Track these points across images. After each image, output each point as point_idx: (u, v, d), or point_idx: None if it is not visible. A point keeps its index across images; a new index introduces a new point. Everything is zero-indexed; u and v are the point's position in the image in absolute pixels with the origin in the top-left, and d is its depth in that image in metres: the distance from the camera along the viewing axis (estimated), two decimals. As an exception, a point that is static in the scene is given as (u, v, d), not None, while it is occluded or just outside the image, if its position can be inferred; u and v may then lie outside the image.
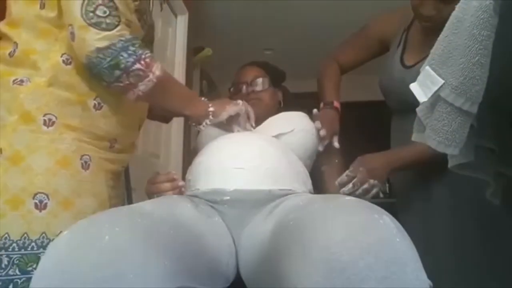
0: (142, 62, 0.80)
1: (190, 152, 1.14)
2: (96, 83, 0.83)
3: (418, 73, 1.05)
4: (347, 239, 0.48)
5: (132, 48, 0.78)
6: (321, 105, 1.22)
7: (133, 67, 0.79)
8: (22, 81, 0.79)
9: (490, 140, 0.70)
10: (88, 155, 0.84)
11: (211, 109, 0.98)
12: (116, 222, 0.54)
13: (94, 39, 0.75)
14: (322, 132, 1.08)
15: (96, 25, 0.75)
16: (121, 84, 0.80)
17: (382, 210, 0.53)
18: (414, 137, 0.75)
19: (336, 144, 1.13)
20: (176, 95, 0.94)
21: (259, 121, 1.14)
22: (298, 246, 0.52)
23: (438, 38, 0.65)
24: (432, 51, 0.66)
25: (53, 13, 0.81)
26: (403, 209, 1.18)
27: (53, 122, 0.79)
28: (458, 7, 0.60)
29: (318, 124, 1.10)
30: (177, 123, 2.35)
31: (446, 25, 0.63)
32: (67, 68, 0.81)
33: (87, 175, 0.83)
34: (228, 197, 0.84)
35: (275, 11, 3.09)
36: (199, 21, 2.90)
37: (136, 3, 0.83)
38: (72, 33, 0.76)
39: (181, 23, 2.56)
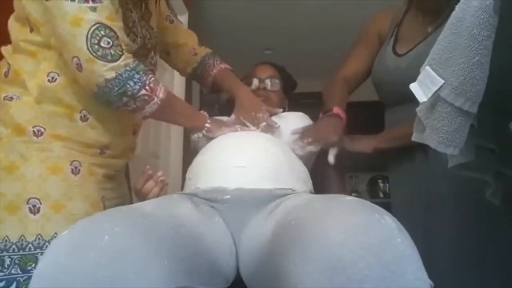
0: (147, 87, 0.86)
1: (190, 151, 1.14)
2: (81, 97, 0.88)
3: (410, 60, 1.09)
4: (348, 238, 0.48)
5: (137, 76, 0.84)
6: (320, 115, 1.15)
7: (139, 93, 0.85)
8: (12, 98, 0.85)
9: (490, 140, 0.69)
10: (78, 161, 0.88)
11: (207, 125, 1.04)
12: (116, 222, 0.54)
13: (102, 71, 0.80)
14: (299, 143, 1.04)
15: (103, 57, 0.80)
16: (129, 108, 0.87)
17: (383, 210, 0.53)
18: (414, 137, 0.75)
19: (330, 158, 1.05)
20: (178, 112, 1.00)
21: None
22: (299, 246, 0.52)
23: (438, 38, 0.65)
24: (432, 51, 0.66)
25: (40, 37, 0.86)
26: (401, 208, 1.18)
27: (42, 133, 0.85)
28: (458, 7, 0.60)
29: (299, 130, 1.08)
30: (177, 123, 2.35)
31: (446, 25, 0.63)
32: (52, 85, 0.86)
33: (77, 179, 0.87)
34: (229, 196, 0.84)
35: (275, 11, 3.09)
36: (199, 21, 2.90)
37: (119, 23, 0.85)
38: (79, 65, 0.80)
39: (181, 23, 2.55)
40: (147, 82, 0.86)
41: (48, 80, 0.86)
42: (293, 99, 1.38)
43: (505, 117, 0.67)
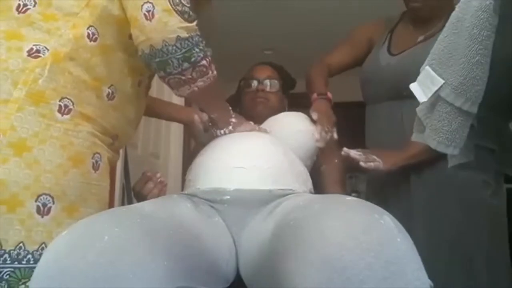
0: (207, 59, 0.80)
1: (190, 152, 1.14)
2: (113, 70, 0.77)
3: (403, 59, 1.14)
4: (348, 239, 0.48)
5: (202, 44, 0.78)
6: (314, 95, 1.20)
7: (201, 63, 0.78)
8: (38, 51, 0.67)
9: (490, 140, 0.70)
10: (99, 153, 0.74)
11: (233, 120, 1.01)
12: (116, 222, 0.54)
13: (177, 27, 0.73)
14: (317, 135, 1.06)
15: (181, 13, 0.73)
16: (183, 78, 0.78)
17: (383, 210, 0.53)
18: (414, 137, 0.75)
19: (335, 135, 1.12)
20: (216, 98, 0.95)
21: (261, 120, 1.14)
22: (299, 246, 0.52)
23: (438, 38, 0.65)
24: (432, 51, 0.66)
25: None
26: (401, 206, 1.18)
27: (70, 110, 0.69)
28: (458, 7, 0.60)
29: (314, 115, 1.10)
30: (177, 123, 2.35)
31: (446, 25, 0.63)
32: (91, 45, 0.72)
33: (96, 177, 0.74)
34: (228, 197, 0.83)
35: (275, 11, 3.09)
36: (198, 21, 2.89)
37: None
38: (151, 12, 0.70)
39: (181, 23, 2.55)
40: (208, 53, 0.80)
41: (88, 36, 0.71)
42: (293, 99, 1.38)
43: (505, 117, 0.67)
